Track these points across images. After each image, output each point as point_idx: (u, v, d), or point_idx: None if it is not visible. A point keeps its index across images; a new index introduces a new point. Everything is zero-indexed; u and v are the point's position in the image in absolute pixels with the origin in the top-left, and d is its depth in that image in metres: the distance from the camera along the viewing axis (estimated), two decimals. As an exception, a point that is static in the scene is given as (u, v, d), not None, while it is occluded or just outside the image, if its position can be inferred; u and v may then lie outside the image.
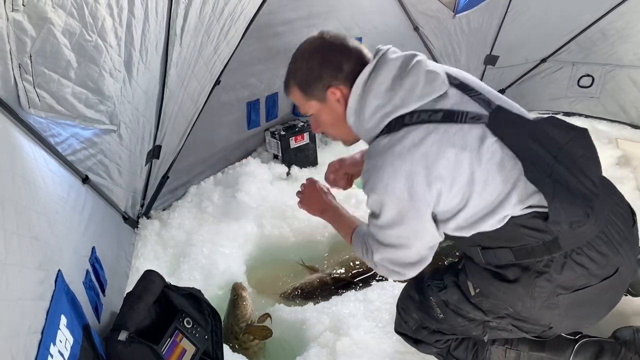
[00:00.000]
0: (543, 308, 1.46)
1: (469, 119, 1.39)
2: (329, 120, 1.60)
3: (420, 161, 1.35)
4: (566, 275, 1.41)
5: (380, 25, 3.30)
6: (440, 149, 1.35)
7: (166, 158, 2.54)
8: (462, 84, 1.49)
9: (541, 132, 1.43)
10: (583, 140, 1.47)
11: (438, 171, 1.36)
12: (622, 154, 3.18)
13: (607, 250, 1.42)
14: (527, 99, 3.89)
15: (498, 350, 1.71)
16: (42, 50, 1.25)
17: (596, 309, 1.53)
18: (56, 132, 1.49)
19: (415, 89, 1.42)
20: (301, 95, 1.57)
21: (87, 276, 1.54)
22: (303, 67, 1.53)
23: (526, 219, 1.38)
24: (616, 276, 1.45)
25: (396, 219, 1.44)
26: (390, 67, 1.47)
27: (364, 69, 1.48)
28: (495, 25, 3.64)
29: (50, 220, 1.31)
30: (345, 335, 1.91)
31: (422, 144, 1.36)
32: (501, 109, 1.44)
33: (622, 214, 1.50)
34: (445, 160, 1.35)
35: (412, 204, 1.40)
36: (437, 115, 1.39)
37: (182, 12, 1.91)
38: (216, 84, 2.63)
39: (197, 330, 1.71)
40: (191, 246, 2.44)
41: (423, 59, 1.50)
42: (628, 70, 3.47)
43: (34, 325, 1.02)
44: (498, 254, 1.47)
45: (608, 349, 1.66)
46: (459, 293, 1.63)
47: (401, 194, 1.38)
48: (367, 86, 1.46)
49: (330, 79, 1.50)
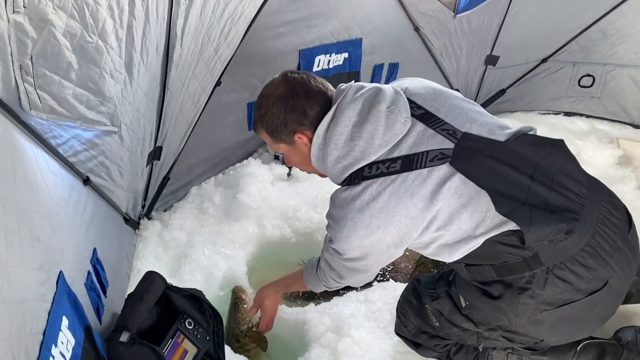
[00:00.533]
0: (528, 324, 1.44)
1: (429, 161, 1.39)
2: (299, 160, 1.65)
3: (378, 215, 1.40)
4: (549, 291, 1.38)
5: (380, 25, 3.30)
6: (399, 201, 1.38)
7: (167, 159, 2.54)
8: (426, 113, 1.47)
9: (513, 154, 1.41)
10: (559, 153, 1.45)
11: (397, 222, 1.39)
12: (623, 153, 3.18)
13: (594, 263, 1.37)
14: (527, 99, 3.89)
15: (499, 355, 1.69)
16: (43, 52, 1.25)
17: (586, 323, 1.49)
18: (57, 133, 1.49)
19: (374, 138, 1.42)
20: (270, 138, 1.61)
21: (89, 277, 1.54)
22: (268, 113, 1.55)
23: (503, 237, 1.37)
24: (605, 289, 1.39)
25: (355, 256, 1.51)
26: (349, 113, 1.45)
27: (324, 117, 1.48)
28: (495, 25, 3.64)
29: (52, 221, 1.31)
30: (347, 336, 1.91)
31: (380, 197, 1.39)
32: (468, 136, 1.42)
33: (614, 222, 1.44)
34: (405, 211, 1.38)
35: (373, 248, 1.46)
36: (396, 165, 1.40)
37: (182, 13, 1.91)
38: (217, 85, 2.62)
39: (198, 331, 1.71)
40: (192, 247, 2.44)
41: (384, 98, 1.47)
42: (629, 69, 3.46)
43: (36, 326, 1.02)
44: (481, 270, 1.46)
45: (610, 351, 1.65)
46: (451, 304, 1.62)
47: (361, 242, 1.44)
48: (328, 136, 1.47)
49: (295, 125, 1.52)
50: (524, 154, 1.42)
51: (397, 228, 1.40)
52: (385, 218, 1.39)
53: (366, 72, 3.44)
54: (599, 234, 1.39)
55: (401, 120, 1.43)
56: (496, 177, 1.38)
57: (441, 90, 1.57)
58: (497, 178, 1.38)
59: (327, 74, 3.21)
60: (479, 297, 1.50)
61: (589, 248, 1.37)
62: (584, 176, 1.48)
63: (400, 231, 1.41)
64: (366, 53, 3.34)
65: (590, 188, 1.46)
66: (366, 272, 1.58)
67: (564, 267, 1.37)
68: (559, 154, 1.45)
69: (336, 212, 1.48)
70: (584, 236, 1.37)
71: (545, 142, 1.46)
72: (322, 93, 1.53)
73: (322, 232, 2.69)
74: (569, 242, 1.36)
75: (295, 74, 1.57)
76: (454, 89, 3.84)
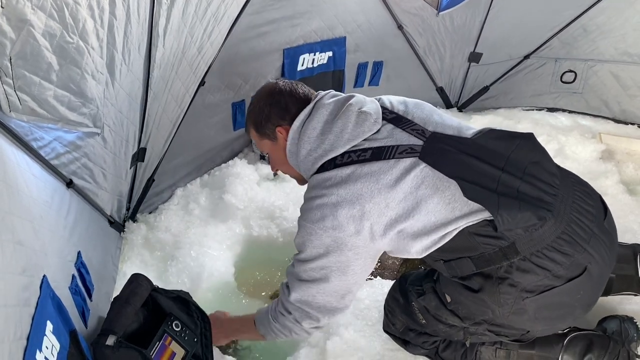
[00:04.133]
0: (512, 314, 1.46)
1: (399, 153, 1.46)
2: (280, 159, 1.72)
3: (345, 196, 1.45)
4: (528, 278, 1.41)
5: (364, 24, 3.30)
6: (364, 184, 1.44)
7: (151, 161, 2.52)
8: (398, 117, 1.57)
9: (482, 148, 1.47)
10: (529, 145, 1.50)
11: (361, 204, 1.44)
12: (605, 148, 3.22)
13: (571, 249, 1.40)
14: (510, 96, 3.92)
15: (488, 350, 1.70)
16: (22, 53, 1.23)
17: (569, 310, 1.51)
18: (39, 135, 1.47)
19: (344, 133, 1.53)
20: (256, 134, 1.73)
21: (73, 281, 1.52)
22: (256, 109, 1.70)
23: (478, 227, 1.40)
24: (585, 275, 1.42)
25: (320, 252, 1.51)
26: (323, 112, 1.58)
27: (300, 114, 1.59)
28: (478, 22, 3.66)
29: (35, 225, 1.29)
30: (335, 335, 1.91)
31: (348, 180, 1.46)
32: (436, 135, 1.51)
33: (589, 210, 1.48)
34: (369, 194, 1.44)
35: (336, 235, 1.47)
36: (366, 154, 1.48)
37: (164, 13, 1.90)
38: (201, 84, 2.61)
39: (186, 333, 1.70)
40: (179, 249, 2.42)
41: (357, 101, 1.59)
42: (610, 65, 3.51)
43: (19, 331, 1.00)
44: (459, 264, 1.48)
45: (597, 343, 1.67)
46: (437, 299, 1.64)
47: (326, 224, 1.47)
48: (302, 131, 1.58)
49: (277, 119, 1.65)
50: (493, 148, 1.48)
51: (361, 212, 1.44)
52: (351, 200, 1.44)
53: (350, 70, 3.45)
54: (574, 222, 1.43)
55: (371, 120, 1.54)
56: (465, 169, 1.43)
57: (411, 100, 1.68)
58: (466, 169, 1.43)
59: (312, 73, 3.21)
60: (461, 292, 1.52)
61: (565, 235, 1.40)
62: (556, 168, 1.52)
63: (363, 215, 1.45)
64: (350, 51, 3.34)
65: (562, 179, 1.50)
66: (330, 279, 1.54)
67: (541, 254, 1.39)
68: (529, 147, 1.50)
69: (307, 194, 1.56)
70: (559, 225, 1.40)
71: (514, 136, 1.52)
72: (306, 96, 1.67)
73: (309, 231, 2.70)
74: (544, 231, 1.39)
75: (287, 80, 1.71)
76: (438, 86, 3.89)
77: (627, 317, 1.79)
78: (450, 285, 1.56)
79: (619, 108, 3.57)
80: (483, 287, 1.45)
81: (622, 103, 3.55)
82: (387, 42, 3.50)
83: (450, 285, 1.56)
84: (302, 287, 1.58)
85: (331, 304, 1.59)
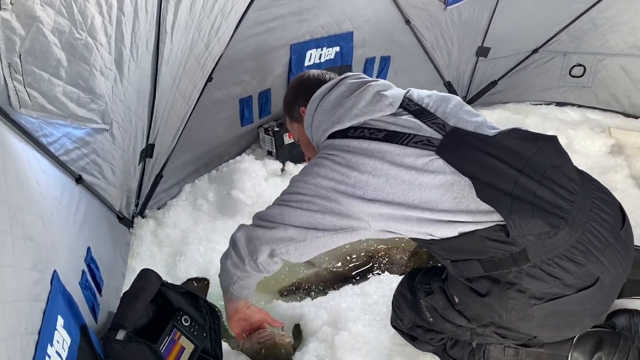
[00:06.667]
0: (519, 320, 1.43)
1: (414, 142, 1.43)
2: (305, 141, 1.75)
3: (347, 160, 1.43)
4: (537, 285, 1.37)
5: (371, 18, 3.29)
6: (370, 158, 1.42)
7: (159, 157, 2.53)
8: (421, 109, 1.54)
9: (502, 148, 1.42)
10: (550, 148, 1.45)
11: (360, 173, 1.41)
12: (615, 142, 3.19)
13: (584, 259, 1.34)
14: (519, 90, 3.90)
15: (496, 349, 1.68)
16: (32, 49, 1.24)
17: (578, 319, 1.47)
18: (48, 132, 1.48)
19: (354, 109, 1.53)
20: (288, 119, 1.82)
21: (83, 276, 1.53)
22: (287, 95, 1.81)
23: (491, 232, 1.36)
24: (597, 286, 1.37)
25: (306, 194, 1.47)
26: (342, 89, 1.60)
27: (321, 88, 1.63)
28: (486, 16, 3.64)
29: (45, 220, 1.30)
30: (344, 329, 1.91)
31: (354, 151, 1.45)
32: (457, 130, 1.47)
33: (606, 219, 1.42)
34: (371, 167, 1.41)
35: (325, 187, 1.44)
36: (379, 134, 1.46)
37: (172, 8, 1.90)
38: (208, 80, 2.62)
39: (195, 328, 1.71)
40: (187, 245, 2.43)
41: (378, 84, 1.60)
42: (619, 59, 3.48)
43: (31, 326, 1.02)
44: (467, 266, 1.45)
45: (607, 340, 1.64)
46: (445, 299, 1.61)
47: (320, 179, 1.45)
48: (320, 104, 1.60)
49: (303, 100, 1.70)
50: (514, 148, 1.42)
51: (357, 179, 1.41)
52: (354, 164, 1.42)
53: (358, 65, 3.44)
54: (589, 230, 1.37)
55: (385, 102, 1.52)
56: (482, 168, 1.38)
57: (439, 93, 1.64)
58: (482, 168, 1.38)
59: (319, 68, 3.19)
60: (469, 295, 1.50)
61: (579, 245, 1.35)
62: (577, 173, 1.46)
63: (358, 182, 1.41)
64: (357, 46, 3.34)
65: (582, 185, 1.45)
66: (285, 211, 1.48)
67: (552, 263, 1.35)
68: (551, 150, 1.44)
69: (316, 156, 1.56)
70: (573, 233, 1.35)
71: (537, 137, 1.46)
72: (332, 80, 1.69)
73: (317, 227, 2.70)
74: (558, 239, 1.34)
75: (319, 71, 1.78)
76: (446, 81, 3.87)
77: (636, 311, 1.76)
78: (458, 286, 1.55)
79: (629, 102, 3.54)
80: (490, 291, 1.42)
81: (632, 97, 3.51)
82: (395, 37, 3.49)
83: (458, 286, 1.54)
84: (275, 213, 1.52)
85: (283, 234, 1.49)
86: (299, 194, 1.48)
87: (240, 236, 1.57)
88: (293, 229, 1.47)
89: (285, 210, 1.49)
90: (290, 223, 1.48)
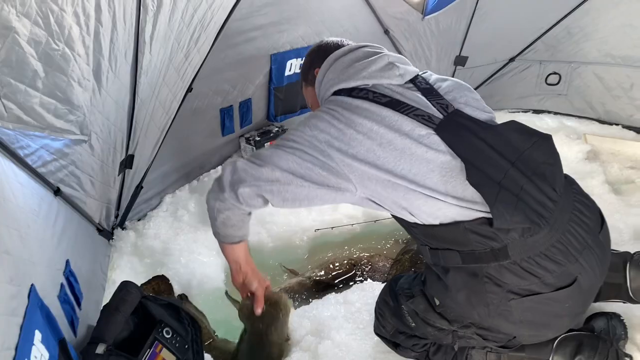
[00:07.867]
0: (497, 315, 1.44)
1: (415, 115, 1.44)
2: (316, 105, 1.73)
3: (344, 117, 1.45)
4: (515, 281, 1.39)
5: (350, 28, 3.32)
6: (367, 119, 1.43)
7: (139, 167, 2.51)
8: (430, 88, 1.55)
9: (498, 137, 1.43)
10: (545, 146, 1.47)
11: (355, 131, 1.42)
12: (590, 148, 3.26)
13: (563, 259, 1.38)
14: (496, 98, 3.96)
15: (479, 354, 1.70)
16: (8, 60, 1.23)
17: (556, 319, 1.49)
18: (25, 143, 1.46)
19: (362, 72, 1.54)
20: (303, 84, 1.84)
21: (62, 290, 1.51)
22: (305, 60, 1.82)
23: (476, 225, 1.37)
24: (574, 286, 1.40)
25: (298, 141, 1.47)
26: (359, 54, 1.61)
27: (338, 50, 1.65)
28: (463, 26, 3.70)
29: (22, 234, 1.27)
30: (327, 338, 1.91)
31: (354, 110, 1.46)
32: (458, 113, 1.47)
33: (586, 222, 1.45)
34: (367, 128, 1.41)
35: (314, 144, 1.44)
36: (382, 99, 1.48)
37: (150, 19, 1.89)
38: (188, 91, 2.61)
39: (177, 340, 1.69)
40: (168, 256, 2.41)
41: (394, 56, 1.61)
42: (593, 67, 3.56)
43: (7, 341, 1.00)
44: (446, 255, 1.46)
45: (587, 343, 1.67)
46: (425, 302, 1.63)
47: (315, 131, 1.45)
48: (334, 64, 1.62)
49: (318, 62, 1.68)
50: (509, 139, 1.44)
51: (352, 137, 1.41)
52: (352, 122, 1.43)
53: (338, 75, 3.45)
54: (569, 231, 1.41)
55: (396, 72, 1.54)
56: (476, 153, 1.40)
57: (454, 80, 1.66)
58: (476, 153, 1.40)
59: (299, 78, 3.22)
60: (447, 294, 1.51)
61: (559, 244, 1.38)
62: (564, 175, 1.50)
63: (353, 141, 1.41)
64: (337, 56, 3.35)
65: (566, 187, 1.48)
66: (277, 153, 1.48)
67: (532, 261, 1.38)
68: (545, 148, 1.47)
69: (317, 109, 1.57)
70: (554, 233, 1.38)
71: (533, 133, 1.48)
72: (350, 45, 1.70)
73: (299, 236, 2.69)
74: (539, 238, 1.36)
75: (333, 38, 1.77)
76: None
77: (613, 314, 1.79)
78: (435, 286, 1.56)
79: (603, 109, 3.62)
80: (469, 284, 1.44)
81: (606, 104, 3.59)
82: (374, 47, 3.52)
83: (436, 286, 1.55)
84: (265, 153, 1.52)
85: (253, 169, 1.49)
86: (294, 142, 1.48)
87: (227, 168, 1.56)
88: (280, 172, 1.46)
89: (278, 153, 1.48)
90: (279, 165, 1.46)
